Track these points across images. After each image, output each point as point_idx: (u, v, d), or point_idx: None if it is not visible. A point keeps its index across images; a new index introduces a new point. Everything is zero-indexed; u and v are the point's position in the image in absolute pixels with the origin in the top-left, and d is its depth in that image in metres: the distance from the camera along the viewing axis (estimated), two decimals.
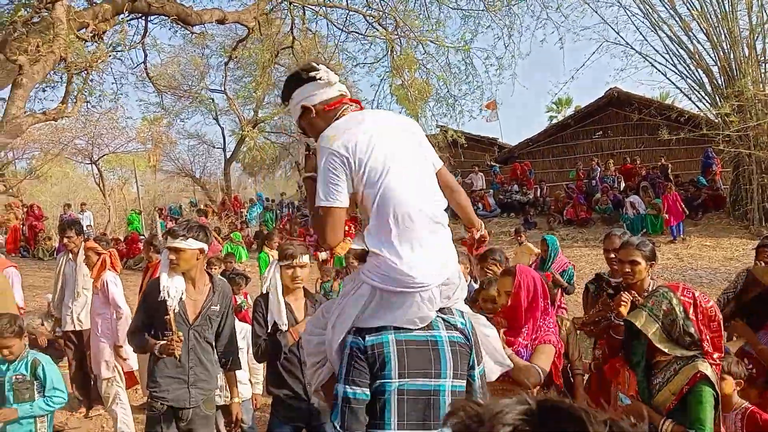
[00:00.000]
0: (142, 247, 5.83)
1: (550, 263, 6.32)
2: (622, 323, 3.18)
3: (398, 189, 2.17)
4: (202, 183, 33.13)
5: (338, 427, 2.09)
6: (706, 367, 2.43)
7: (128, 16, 6.75)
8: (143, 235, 19.35)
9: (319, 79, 2.30)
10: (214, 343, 3.62)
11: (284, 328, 3.41)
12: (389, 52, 11.82)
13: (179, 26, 8.41)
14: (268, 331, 3.47)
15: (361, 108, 2.41)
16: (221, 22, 9.21)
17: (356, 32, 11.77)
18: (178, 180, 35.15)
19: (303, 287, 3.68)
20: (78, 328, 5.67)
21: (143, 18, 7.87)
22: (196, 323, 3.49)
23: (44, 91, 6.97)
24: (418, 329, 2.18)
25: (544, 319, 3.08)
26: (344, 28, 11.56)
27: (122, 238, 18.89)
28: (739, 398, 3.12)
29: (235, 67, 22.37)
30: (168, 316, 3.30)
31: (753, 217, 13.21)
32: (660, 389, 2.54)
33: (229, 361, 3.69)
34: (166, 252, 3.43)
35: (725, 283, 8.43)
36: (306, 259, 3.59)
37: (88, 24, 4.93)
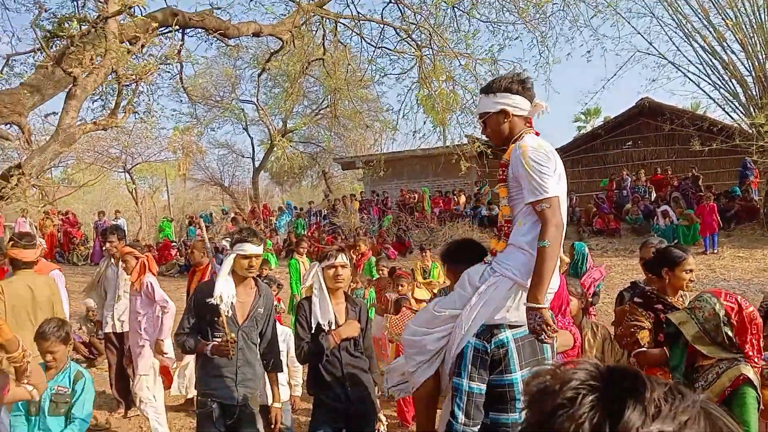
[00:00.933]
0: (189, 250, 6.02)
1: (581, 270, 6.32)
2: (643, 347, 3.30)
3: (563, 211, 2.52)
4: (231, 191, 33.57)
5: (461, 418, 2.40)
6: (748, 370, 2.47)
7: (167, 29, 6.95)
8: (175, 242, 19.69)
9: (530, 100, 2.70)
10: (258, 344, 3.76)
11: (327, 329, 3.50)
12: (417, 64, 11.92)
13: (216, 39, 8.61)
14: (311, 333, 3.56)
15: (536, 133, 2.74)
16: (257, 34, 9.40)
17: (386, 48, 11.88)
18: (207, 188, 35.66)
19: (344, 291, 3.78)
20: (119, 330, 5.84)
21: (180, 30, 8.10)
22: (244, 325, 3.63)
23: (94, 101, 7.20)
24: (520, 328, 2.53)
25: (559, 319, 3.36)
26: (375, 44, 11.68)
27: (154, 245, 19.26)
28: None
29: (266, 77, 22.74)
30: (221, 318, 3.44)
31: None
32: (703, 392, 2.57)
33: (271, 363, 3.81)
34: (232, 256, 3.56)
35: (758, 295, 8.31)
36: (345, 259, 3.69)
37: (138, 37, 5.12)
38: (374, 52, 12.38)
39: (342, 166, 28.79)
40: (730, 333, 2.53)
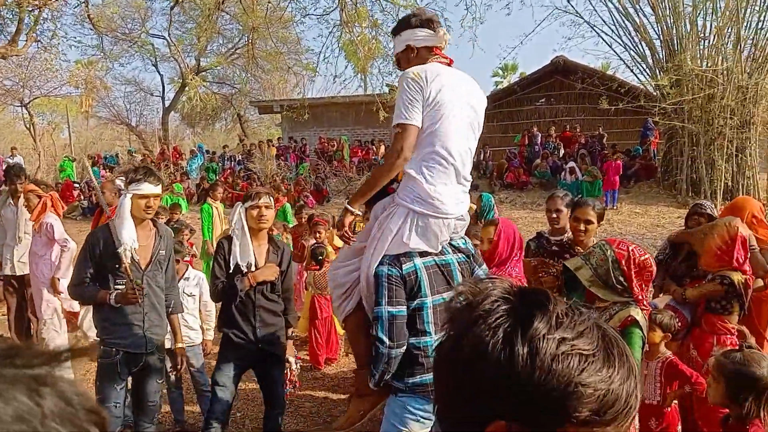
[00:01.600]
0: (97, 191, 5.61)
1: (484, 217, 6.47)
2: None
3: (451, 133, 2.57)
4: (138, 131, 32.00)
5: (386, 341, 2.49)
6: (636, 312, 2.68)
7: None
8: (77, 182, 18.67)
9: (432, 30, 2.71)
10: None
11: (245, 270, 3.47)
12: (339, 6, 11.63)
13: None
14: (228, 272, 3.51)
15: (450, 63, 2.77)
16: None
17: None
18: (112, 128, 33.81)
19: (267, 233, 3.73)
20: (19, 273, 5.53)
21: None
22: (148, 269, 3.49)
23: None
24: (434, 254, 2.64)
25: (514, 267, 3.55)
26: None
27: (54, 185, 18.17)
28: (664, 348, 3.42)
29: (178, 12, 21.50)
30: (123, 264, 3.29)
31: (681, 187, 13.93)
32: None
33: (172, 305, 3.72)
34: (128, 198, 3.36)
35: (651, 249, 8.94)
36: (270, 200, 3.63)
37: None
38: None
39: (259, 110, 27.98)
40: (621, 278, 2.72)
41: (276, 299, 3.65)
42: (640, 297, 2.76)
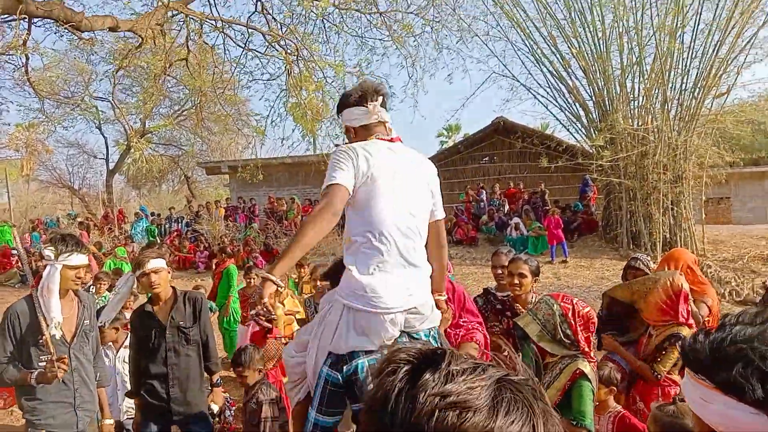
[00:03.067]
0: (22, 258, 5.27)
1: None
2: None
3: (387, 213, 2.36)
4: (81, 195, 31.20)
5: None
6: (585, 365, 2.74)
7: (10, 18, 6.37)
8: (15, 249, 17.92)
9: (365, 107, 2.57)
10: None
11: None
12: (286, 71, 11.85)
13: (67, 31, 8.00)
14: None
15: (393, 140, 2.62)
16: (113, 29, 8.85)
17: (255, 50, 11.69)
18: (54, 191, 32.86)
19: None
20: None
21: (26, 20, 7.45)
22: (74, 342, 3.35)
23: None
24: (384, 350, 2.32)
25: (473, 332, 3.36)
26: (243, 46, 11.45)
27: None
28: (614, 402, 3.46)
29: (123, 75, 21.40)
30: (45, 337, 3.12)
31: (622, 240, 14.41)
32: (548, 387, 2.81)
33: (98, 377, 3.60)
34: (54, 270, 3.23)
35: (597, 301, 9.14)
36: (158, 263, 3.62)
37: None
38: (242, 53, 12.15)
39: (206, 171, 27.77)
40: (568, 331, 2.79)
41: (190, 352, 3.68)
42: (586, 349, 2.83)
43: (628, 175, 14.20)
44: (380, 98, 2.61)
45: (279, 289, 2.25)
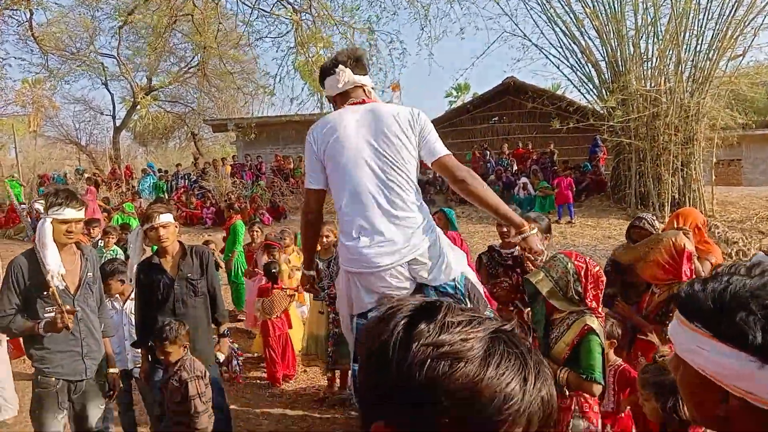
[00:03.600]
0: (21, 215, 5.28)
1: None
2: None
3: (352, 179, 2.48)
4: (89, 151, 31.20)
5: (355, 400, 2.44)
6: (593, 321, 2.76)
7: None
8: (24, 203, 18.06)
9: (334, 75, 2.67)
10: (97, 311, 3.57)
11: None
12: (294, 29, 11.67)
13: None
14: None
15: (367, 101, 2.68)
16: None
17: (262, 10, 11.48)
18: (62, 147, 32.87)
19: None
20: None
21: None
22: (78, 294, 3.39)
23: None
24: None
25: None
26: (251, 5, 11.25)
27: None
28: (614, 356, 3.50)
29: (128, 31, 21.14)
30: (51, 290, 3.13)
31: (630, 201, 14.34)
32: (556, 342, 2.84)
33: (103, 327, 3.64)
34: (48, 223, 3.23)
35: (603, 259, 9.16)
36: (167, 218, 3.65)
37: None
38: (250, 13, 11.96)
39: (213, 128, 27.65)
40: (579, 288, 2.80)
41: (198, 304, 3.78)
42: (594, 305, 2.85)
43: (639, 136, 14.04)
44: (353, 62, 2.68)
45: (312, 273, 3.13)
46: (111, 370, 3.63)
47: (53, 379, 3.27)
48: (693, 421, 1.16)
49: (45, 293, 3.19)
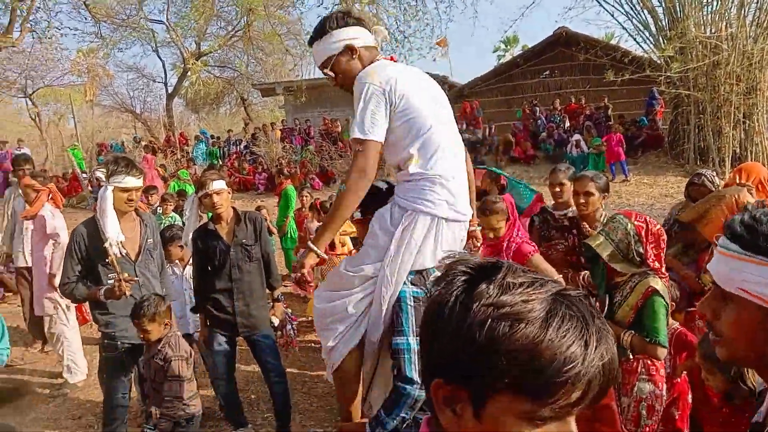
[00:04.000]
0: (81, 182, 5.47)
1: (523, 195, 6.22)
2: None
3: (443, 129, 2.34)
4: (143, 119, 31.95)
5: (417, 380, 2.07)
6: (656, 282, 2.72)
7: None
8: (85, 172, 18.75)
9: (364, 26, 2.47)
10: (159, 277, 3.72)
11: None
12: None
13: None
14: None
15: (393, 60, 2.54)
16: None
17: None
18: (117, 116, 33.77)
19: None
20: (30, 264, 5.58)
21: None
22: (139, 260, 3.53)
23: None
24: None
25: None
26: None
27: (61, 175, 18.27)
28: (671, 319, 3.43)
29: None
30: (110, 258, 3.26)
31: (689, 156, 13.83)
32: (620, 306, 2.82)
33: (164, 293, 3.77)
34: (109, 191, 3.36)
35: (660, 219, 8.90)
36: (219, 185, 3.75)
37: None
38: None
39: (261, 93, 27.83)
40: (640, 249, 2.76)
41: (252, 269, 3.86)
42: (656, 266, 2.80)
43: (698, 86, 13.42)
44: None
45: (321, 258, 2.35)
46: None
47: (119, 343, 3.45)
48: (745, 363, 1.17)
49: (105, 260, 3.33)
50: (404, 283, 2.22)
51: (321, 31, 2.45)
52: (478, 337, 0.75)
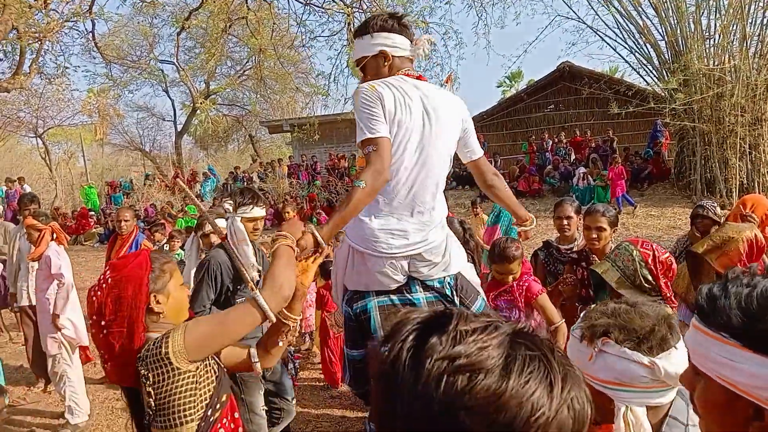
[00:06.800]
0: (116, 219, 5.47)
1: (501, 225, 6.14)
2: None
3: (406, 162, 2.29)
4: (153, 156, 32.36)
5: (349, 385, 2.46)
6: (666, 311, 2.68)
7: None
8: (93, 210, 18.88)
9: (410, 39, 2.44)
10: None
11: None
12: (347, 25, 11.72)
13: None
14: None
15: (421, 79, 2.46)
16: None
17: (314, 5, 11.56)
18: (127, 154, 34.25)
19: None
20: (33, 303, 5.57)
21: None
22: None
23: None
24: (396, 293, 2.42)
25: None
26: (303, 1, 11.35)
27: (70, 213, 18.41)
28: None
29: (186, 37, 21.79)
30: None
31: (695, 188, 13.77)
32: None
33: None
34: (239, 221, 3.49)
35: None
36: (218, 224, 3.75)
37: None
38: (303, 10, 12.06)
39: (269, 130, 28.17)
40: (648, 276, 2.72)
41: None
42: (668, 294, 2.77)
43: (703, 118, 13.44)
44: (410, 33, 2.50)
45: (321, 247, 2.08)
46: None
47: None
48: None
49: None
50: (342, 300, 2.52)
51: (363, 30, 2.47)
52: (435, 395, 0.69)
